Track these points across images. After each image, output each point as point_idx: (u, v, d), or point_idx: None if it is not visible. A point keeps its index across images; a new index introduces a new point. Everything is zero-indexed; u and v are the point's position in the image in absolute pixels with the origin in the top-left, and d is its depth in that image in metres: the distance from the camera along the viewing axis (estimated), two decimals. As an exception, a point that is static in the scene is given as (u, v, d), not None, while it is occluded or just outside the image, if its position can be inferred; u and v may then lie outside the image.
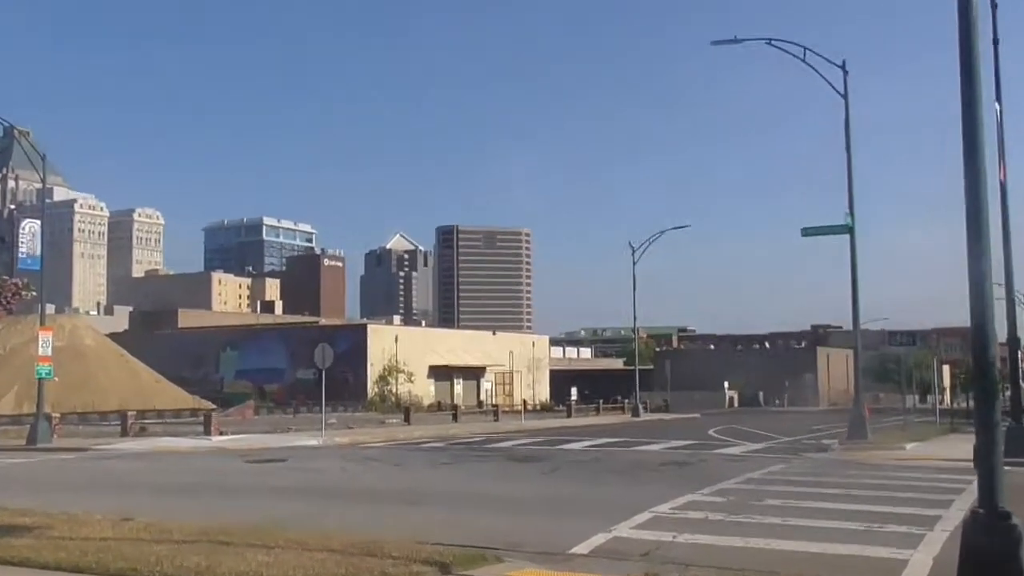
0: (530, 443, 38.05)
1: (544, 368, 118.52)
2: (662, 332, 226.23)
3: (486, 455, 31.60)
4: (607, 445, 36.75)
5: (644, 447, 35.60)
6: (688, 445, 36.30)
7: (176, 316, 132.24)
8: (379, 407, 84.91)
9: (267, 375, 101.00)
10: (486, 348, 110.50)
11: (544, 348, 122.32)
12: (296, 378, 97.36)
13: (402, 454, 32.65)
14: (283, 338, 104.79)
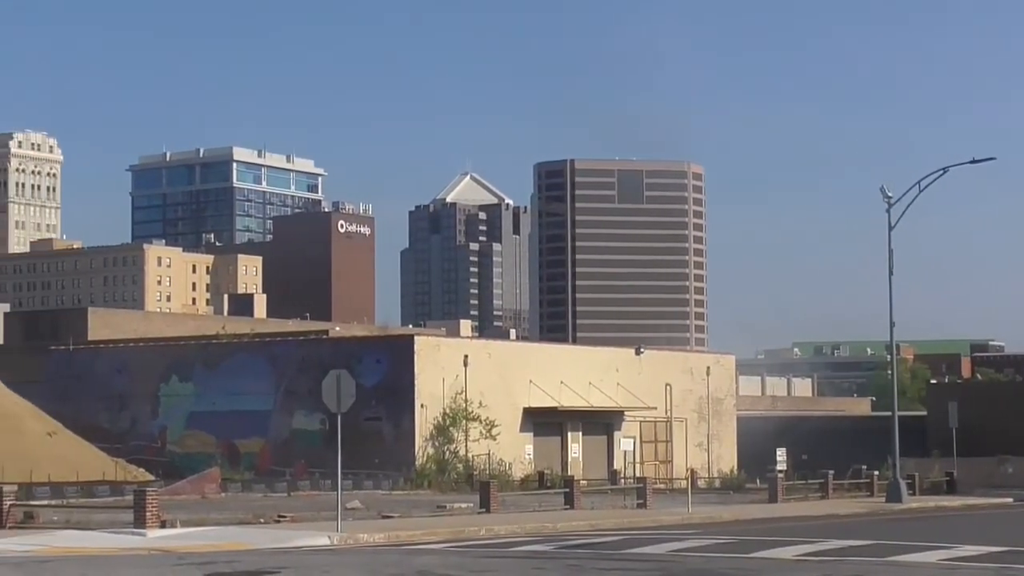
0: (703, 549, 34.79)
1: (728, 413, 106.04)
2: (940, 350, 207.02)
3: (629, 572, 28.42)
4: (848, 553, 33.00)
5: (917, 555, 32.49)
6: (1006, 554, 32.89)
7: (84, 321, 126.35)
8: (436, 480, 79.54)
9: (241, 424, 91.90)
10: (625, 377, 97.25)
11: (728, 377, 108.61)
12: (292, 429, 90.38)
13: (480, 567, 29.68)
14: (268, 360, 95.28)
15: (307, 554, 33.46)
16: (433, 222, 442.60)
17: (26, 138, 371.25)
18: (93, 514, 47.04)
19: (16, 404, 76.48)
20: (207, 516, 46.61)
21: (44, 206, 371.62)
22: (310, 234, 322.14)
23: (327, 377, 40.04)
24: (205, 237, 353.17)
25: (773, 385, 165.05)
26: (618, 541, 37.26)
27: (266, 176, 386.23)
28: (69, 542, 36.35)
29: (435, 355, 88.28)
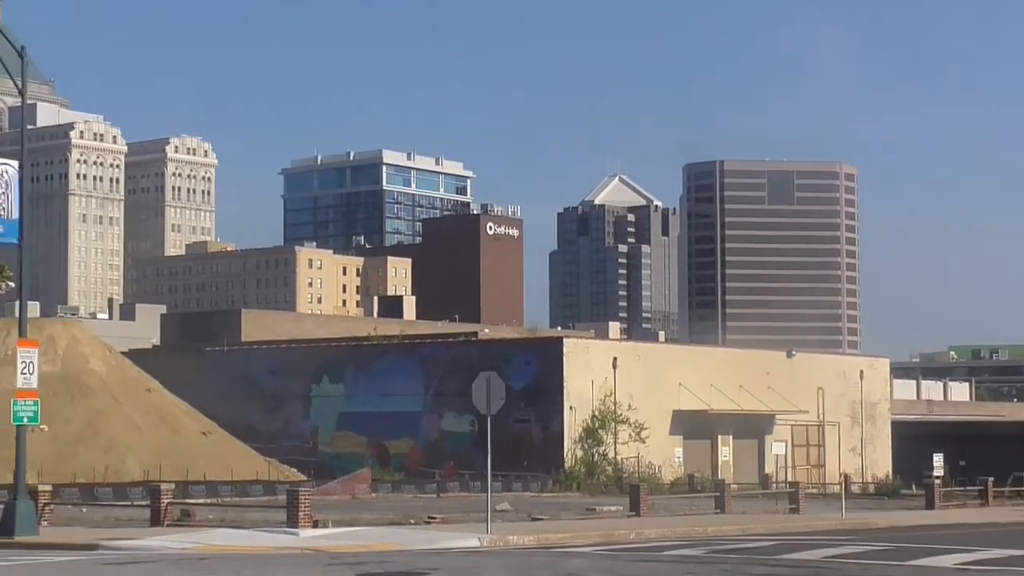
0: (858, 556, 33.81)
1: (883, 418, 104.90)
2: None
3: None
4: (1011, 563, 32.03)
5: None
6: None
7: (238, 321, 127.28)
8: (585, 483, 79.49)
9: (391, 425, 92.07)
10: (776, 380, 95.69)
11: (882, 381, 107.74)
12: (441, 431, 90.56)
13: (631, 571, 29.58)
14: (418, 361, 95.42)
15: (457, 555, 33.34)
16: (582, 224, 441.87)
17: (182, 143, 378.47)
18: (247, 513, 47.51)
19: (173, 404, 77.60)
20: (358, 516, 46.80)
21: (199, 209, 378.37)
22: (459, 236, 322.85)
23: (477, 379, 39.93)
24: (355, 239, 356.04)
25: (928, 389, 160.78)
26: (770, 546, 36.53)
27: (416, 179, 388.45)
28: (224, 540, 36.77)
29: (584, 357, 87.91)
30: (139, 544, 35.44)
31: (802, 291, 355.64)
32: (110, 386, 74.72)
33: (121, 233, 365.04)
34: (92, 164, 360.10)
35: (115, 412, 72.08)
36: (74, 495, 55.14)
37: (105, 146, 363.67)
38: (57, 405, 64.95)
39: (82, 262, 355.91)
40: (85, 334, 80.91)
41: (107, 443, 68.76)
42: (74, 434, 67.99)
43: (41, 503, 41.02)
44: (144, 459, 67.77)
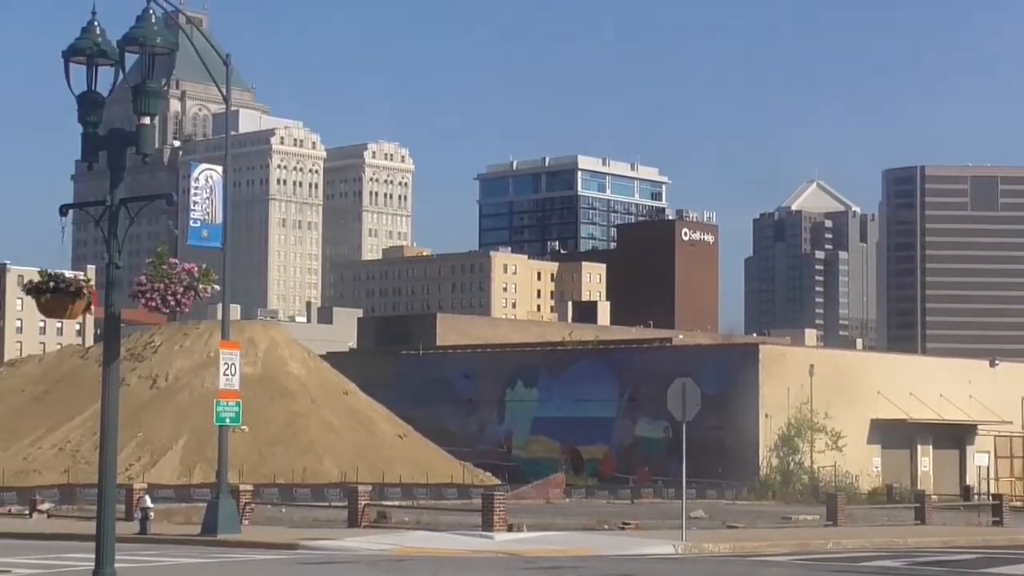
0: None
1: None
2: None
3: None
4: None
5: None
6: None
7: (434, 325, 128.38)
8: (779, 491, 79.35)
9: (585, 430, 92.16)
10: (978, 390, 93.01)
11: None
12: (635, 436, 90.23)
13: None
14: (612, 367, 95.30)
15: (652, 562, 33.08)
16: (778, 230, 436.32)
17: (379, 148, 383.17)
18: (442, 516, 47.75)
19: (370, 407, 78.56)
20: (552, 521, 46.76)
21: (396, 214, 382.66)
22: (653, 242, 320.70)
23: (672, 385, 39.50)
24: (550, 244, 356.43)
25: None
26: (973, 560, 35.42)
27: (611, 184, 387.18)
28: (420, 542, 36.94)
29: (780, 364, 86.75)
30: (337, 545, 35.87)
31: (1006, 299, 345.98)
32: (308, 388, 75.97)
33: (319, 237, 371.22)
34: (292, 169, 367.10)
35: (313, 414, 73.27)
36: (273, 495, 56.25)
37: (305, 152, 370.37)
38: (257, 406, 66.25)
39: (281, 266, 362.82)
40: (284, 337, 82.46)
41: (305, 444, 69.91)
42: (273, 435, 69.27)
43: (242, 502, 41.72)
44: (341, 461, 68.75)
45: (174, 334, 79.99)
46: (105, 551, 15.97)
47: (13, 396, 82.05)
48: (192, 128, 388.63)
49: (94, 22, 16.16)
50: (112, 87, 16.50)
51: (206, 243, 37.86)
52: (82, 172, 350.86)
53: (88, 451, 68.53)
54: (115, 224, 16.12)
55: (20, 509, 55.61)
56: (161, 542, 36.52)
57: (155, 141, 16.39)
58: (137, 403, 71.71)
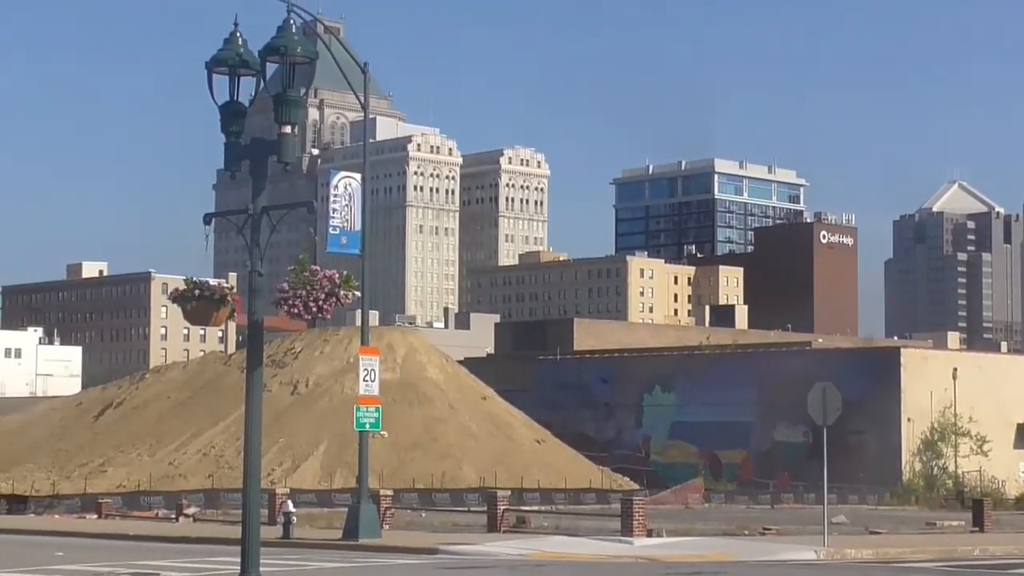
0: None
1: None
2: None
3: None
4: None
5: None
6: None
7: (571, 330, 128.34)
8: (923, 496, 78.36)
9: (723, 435, 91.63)
10: None
11: None
12: (774, 441, 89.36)
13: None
14: (750, 371, 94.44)
15: (794, 568, 32.69)
16: (918, 232, 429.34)
17: (515, 154, 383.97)
18: (580, 520, 47.67)
19: (508, 412, 78.69)
20: (691, 526, 46.42)
21: (532, 219, 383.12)
22: (791, 245, 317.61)
23: (813, 390, 38.93)
24: (686, 248, 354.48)
25: None
26: None
27: (747, 187, 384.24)
28: (559, 547, 36.91)
29: (922, 368, 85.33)
30: (477, 549, 35.95)
31: None
32: (447, 393, 76.31)
33: (456, 243, 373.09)
34: (429, 176, 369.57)
35: (452, 419, 73.58)
36: (413, 500, 56.61)
37: (441, 158, 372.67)
38: (396, 412, 66.69)
39: (419, 272, 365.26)
40: (422, 343, 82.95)
41: (444, 449, 70.21)
42: (413, 440, 69.67)
43: (383, 507, 42.02)
44: (480, 466, 68.92)
45: (314, 340, 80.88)
46: (250, 555, 16.15)
47: (159, 402, 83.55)
48: (330, 136, 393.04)
49: (236, 33, 16.35)
50: (253, 97, 16.69)
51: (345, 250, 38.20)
52: (223, 181, 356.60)
53: (231, 456, 69.55)
54: (257, 232, 16.31)
55: (167, 513, 56.64)
56: (304, 546, 36.91)
57: (296, 150, 16.55)
58: (279, 409, 72.61)
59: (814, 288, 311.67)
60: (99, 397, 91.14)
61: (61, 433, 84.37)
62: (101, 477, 71.78)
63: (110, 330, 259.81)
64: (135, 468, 72.78)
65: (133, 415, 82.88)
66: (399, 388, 71.67)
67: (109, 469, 73.79)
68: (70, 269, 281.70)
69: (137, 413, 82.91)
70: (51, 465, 76.91)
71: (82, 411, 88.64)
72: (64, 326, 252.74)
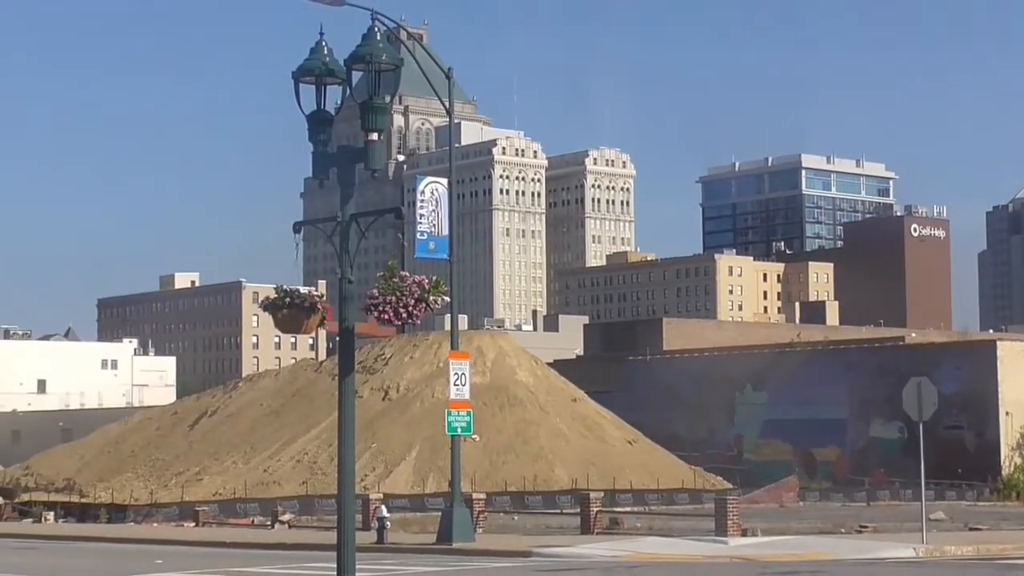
0: None
1: None
2: None
3: None
4: None
5: None
6: None
7: (660, 330, 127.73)
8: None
9: (817, 432, 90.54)
10: None
11: None
12: (869, 438, 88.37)
13: None
14: (843, 367, 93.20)
15: (892, 566, 32.39)
16: (1013, 222, 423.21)
17: (601, 155, 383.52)
18: (674, 521, 47.55)
19: (598, 413, 78.56)
20: (787, 525, 46.13)
21: (619, 220, 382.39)
22: (882, 239, 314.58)
23: (908, 385, 38.55)
24: (775, 245, 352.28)
25: None
26: None
27: (836, 182, 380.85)
28: (653, 548, 36.85)
29: (1019, 361, 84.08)
30: (571, 552, 35.97)
31: None
32: (537, 396, 76.31)
33: (543, 246, 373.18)
34: (514, 179, 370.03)
35: (543, 422, 73.56)
36: (505, 503, 56.66)
37: (526, 161, 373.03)
38: (487, 415, 66.83)
39: (506, 275, 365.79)
40: (512, 345, 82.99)
41: (536, 452, 70.21)
42: (504, 443, 69.76)
43: (476, 511, 42.14)
44: (572, 468, 68.84)
45: (404, 346, 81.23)
46: (346, 560, 16.28)
47: (251, 410, 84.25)
48: (415, 142, 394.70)
49: (322, 42, 16.51)
50: (339, 105, 16.84)
51: (433, 255, 38.42)
52: (311, 189, 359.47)
53: (325, 463, 69.99)
54: (347, 239, 16.43)
55: (262, 520, 57.16)
56: (398, 551, 37.12)
57: (383, 156, 16.67)
58: (370, 414, 72.95)
59: (906, 282, 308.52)
60: (194, 406, 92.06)
61: (158, 442, 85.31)
62: (197, 485, 72.50)
63: (203, 340, 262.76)
64: (230, 476, 73.45)
65: (227, 423, 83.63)
66: (489, 392, 71.80)
67: (205, 477, 74.49)
68: (163, 280, 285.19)
69: (231, 421, 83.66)
70: (149, 474, 77.81)
71: (177, 420, 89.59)
72: (158, 337, 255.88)
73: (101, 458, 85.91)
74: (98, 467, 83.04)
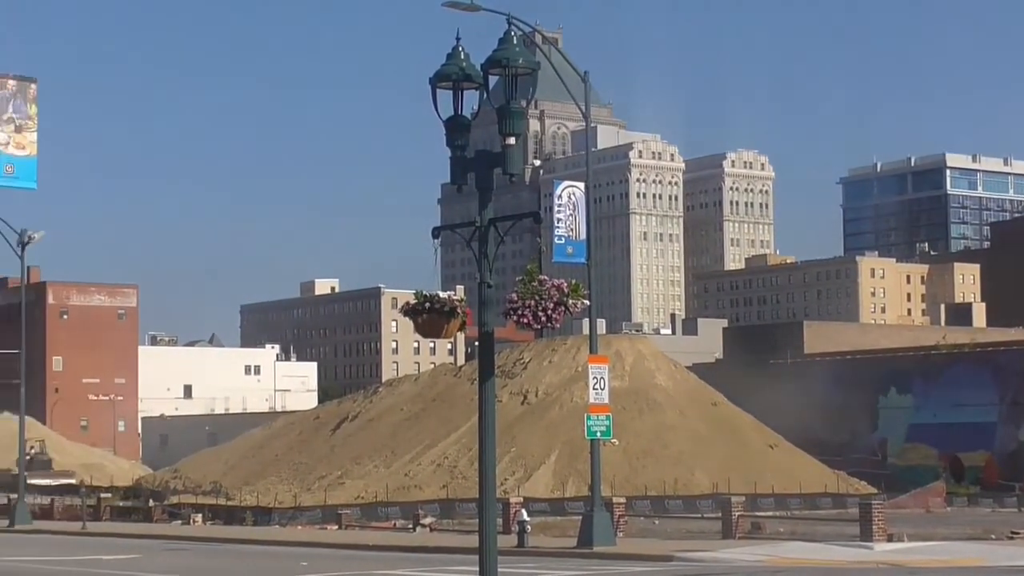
0: None
1: None
2: None
3: None
4: None
5: None
6: None
7: (800, 333, 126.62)
8: None
9: (964, 436, 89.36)
10: None
11: None
12: (1019, 442, 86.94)
13: None
14: (992, 370, 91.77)
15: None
16: None
17: (738, 157, 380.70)
18: (817, 526, 46.98)
19: (738, 417, 78.10)
20: (933, 531, 45.38)
21: (757, 223, 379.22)
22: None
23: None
24: (919, 246, 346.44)
25: None
26: None
27: (982, 181, 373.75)
28: (796, 553, 36.44)
29: None
30: (712, 556, 35.74)
31: None
32: (676, 400, 76.05)
33: (681, 249, 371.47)
34: (651, 183, 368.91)
35: (682, 426, 73.32)
36: (645, 507, 56.59)
37: (663, 164, 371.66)
38: (626, 419, 66.77)
39: (644, 279, 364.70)
40: (651, 349, 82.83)
41: (675, 456, 69.99)
42: (643, 448, 69.66)
43: (616, 515, 42.02)
44: (712, 472, 68.51)
45: (542, 350, 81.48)
46: (488, 563, 16.38)
47: (392, 415, 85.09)
48: (551, 147, 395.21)
49: (458, 48, 16.62)
50: (476, 110, 16.94)
51: (571, 259, 38.47)
52: (448, 195, 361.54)
53: (465, 466, 70.44)
54: (485, 244, 16.53)
55: (403, 523, 57.68)
56: (539, 554, 37.20)
57: (520, 161, 16.73)
58: (509, 419, 73.25)
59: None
60: (335, 411, 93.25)
61: (300, 447, 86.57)
62: (340, 489, 73.42)
63: (343, 345, 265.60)
64: (372, 480, 74.25)
65: (368, 428, 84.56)
66: (628, 396, 71.68)
67: (347, 481, 75.42)
68: (303, 287, 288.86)
69: (372, 426, 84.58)
70: (292, 477, 78.99)
71: (319, 425, 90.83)
72: (299, 342, 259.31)
73: (246, 462, 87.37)
74: (243, 471, 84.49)
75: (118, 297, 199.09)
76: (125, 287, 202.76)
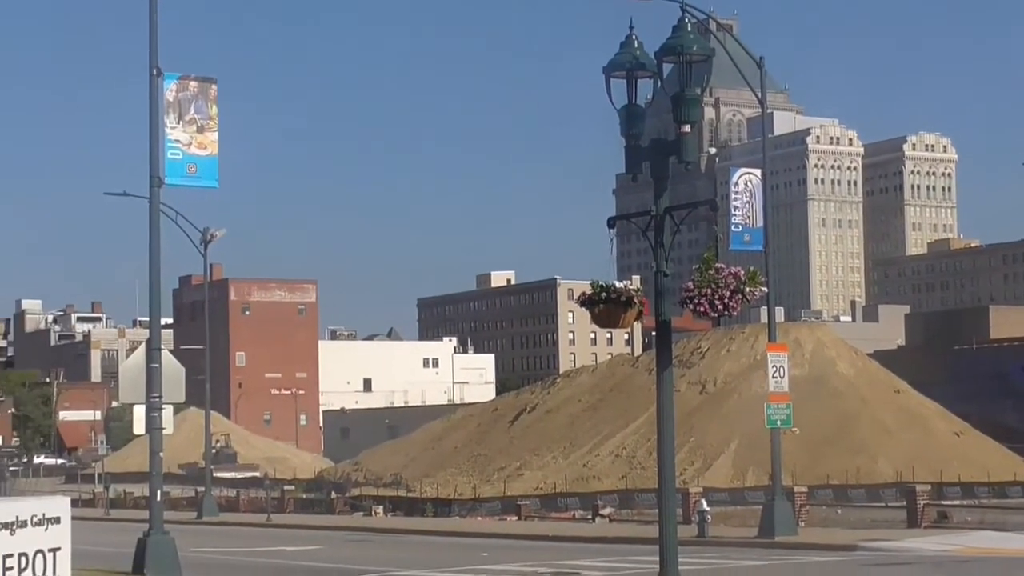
0: None
1: None
2: None
3: None
4: None
5: None
6: None
7: (986, 319, 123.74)
8: None
9: None
10: None
11: None
12: None
13: None
14: None
15: None
16: None
17: (920, 140, 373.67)
18: (1007, 515, 46.00)
19: (922, 405, 76.83)
20: None
21: (940, 206, 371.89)
22: None
23: None
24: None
25: None
26: None
27: None
28: (985, 543, 35.70)
29: None
30: (897, 546, 35.18)
31: None
32: (857, 388, 75.07)
33: (861, 235, 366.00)
34: (829, 168, 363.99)
35: (863, 414, 72.37)
36: (827, 496, 56.01)
37: (841, 149, 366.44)
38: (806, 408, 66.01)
39: (823, 266, 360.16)
40: (830, 337, 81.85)
41: (857, 445, 69.13)
42: (823, 436, 68.90)
43: (797, 504, 41.68)
44: (895, 460, 67.53)
45: (720, 339, 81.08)
46: (668, 553, 16.37)
47: (570, 406, 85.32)
48: (727, 134, 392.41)
49: (632, 36, 16.58)
50: (650, 99, 16.91)
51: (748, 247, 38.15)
52: (623, 184, 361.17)
53: (643, 457, 70.34)
54: (661, 233, 16.50)
55: (583, 514, 57.83)
56: (719, 544, 37.00)
57: (696, 149, 16.66)
58: (688, 408, 72.97)
59: None
60: (513, 403, 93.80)
61: (479, 438, 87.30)
62: (518, 480, 73.88)
63: (519, 337, 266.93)
64: (550, 471, 74.57)
65: (546, 419, 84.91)
66: (808, 384, 70.87)
67: (526, 472, 75.86)
68: (479, 279, 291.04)
69: (550, 417, 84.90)
70: (471, 469, 79.70)
71: (498, 417, 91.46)
72: (476, 335, 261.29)
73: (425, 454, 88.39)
74: (423, 463, 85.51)
75: (298, 293, 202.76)
76: (304, 283, 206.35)
